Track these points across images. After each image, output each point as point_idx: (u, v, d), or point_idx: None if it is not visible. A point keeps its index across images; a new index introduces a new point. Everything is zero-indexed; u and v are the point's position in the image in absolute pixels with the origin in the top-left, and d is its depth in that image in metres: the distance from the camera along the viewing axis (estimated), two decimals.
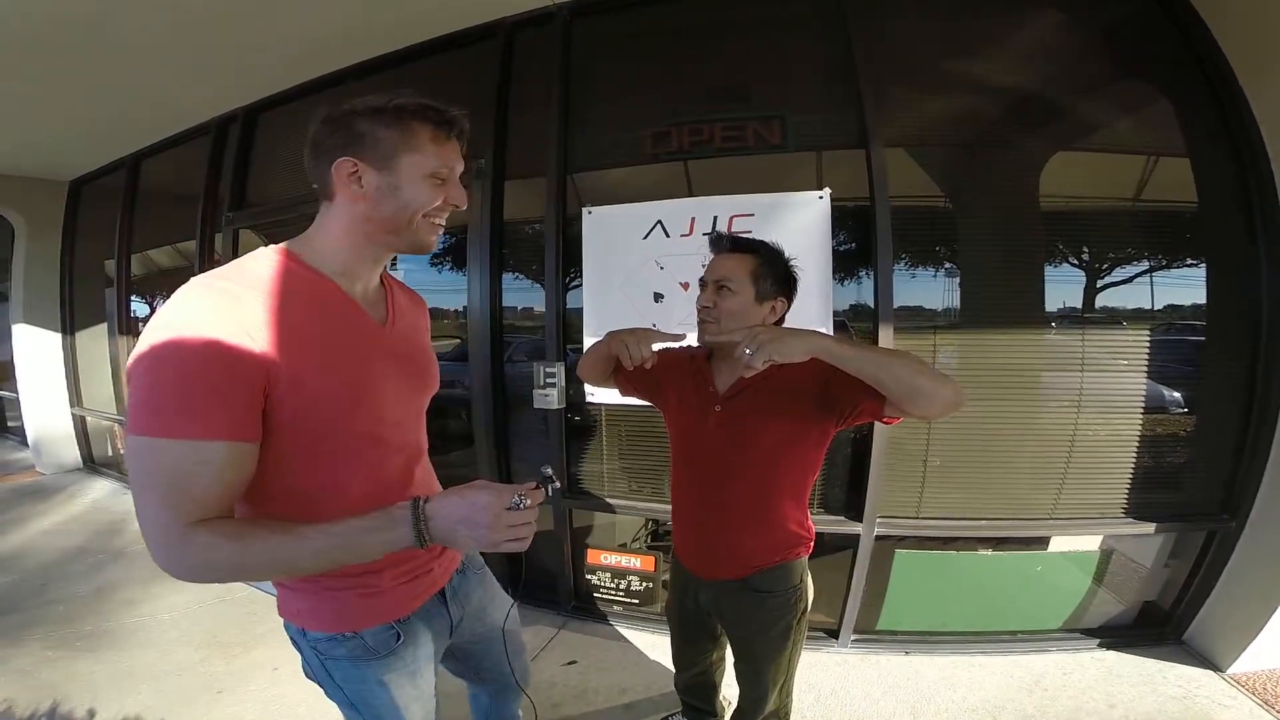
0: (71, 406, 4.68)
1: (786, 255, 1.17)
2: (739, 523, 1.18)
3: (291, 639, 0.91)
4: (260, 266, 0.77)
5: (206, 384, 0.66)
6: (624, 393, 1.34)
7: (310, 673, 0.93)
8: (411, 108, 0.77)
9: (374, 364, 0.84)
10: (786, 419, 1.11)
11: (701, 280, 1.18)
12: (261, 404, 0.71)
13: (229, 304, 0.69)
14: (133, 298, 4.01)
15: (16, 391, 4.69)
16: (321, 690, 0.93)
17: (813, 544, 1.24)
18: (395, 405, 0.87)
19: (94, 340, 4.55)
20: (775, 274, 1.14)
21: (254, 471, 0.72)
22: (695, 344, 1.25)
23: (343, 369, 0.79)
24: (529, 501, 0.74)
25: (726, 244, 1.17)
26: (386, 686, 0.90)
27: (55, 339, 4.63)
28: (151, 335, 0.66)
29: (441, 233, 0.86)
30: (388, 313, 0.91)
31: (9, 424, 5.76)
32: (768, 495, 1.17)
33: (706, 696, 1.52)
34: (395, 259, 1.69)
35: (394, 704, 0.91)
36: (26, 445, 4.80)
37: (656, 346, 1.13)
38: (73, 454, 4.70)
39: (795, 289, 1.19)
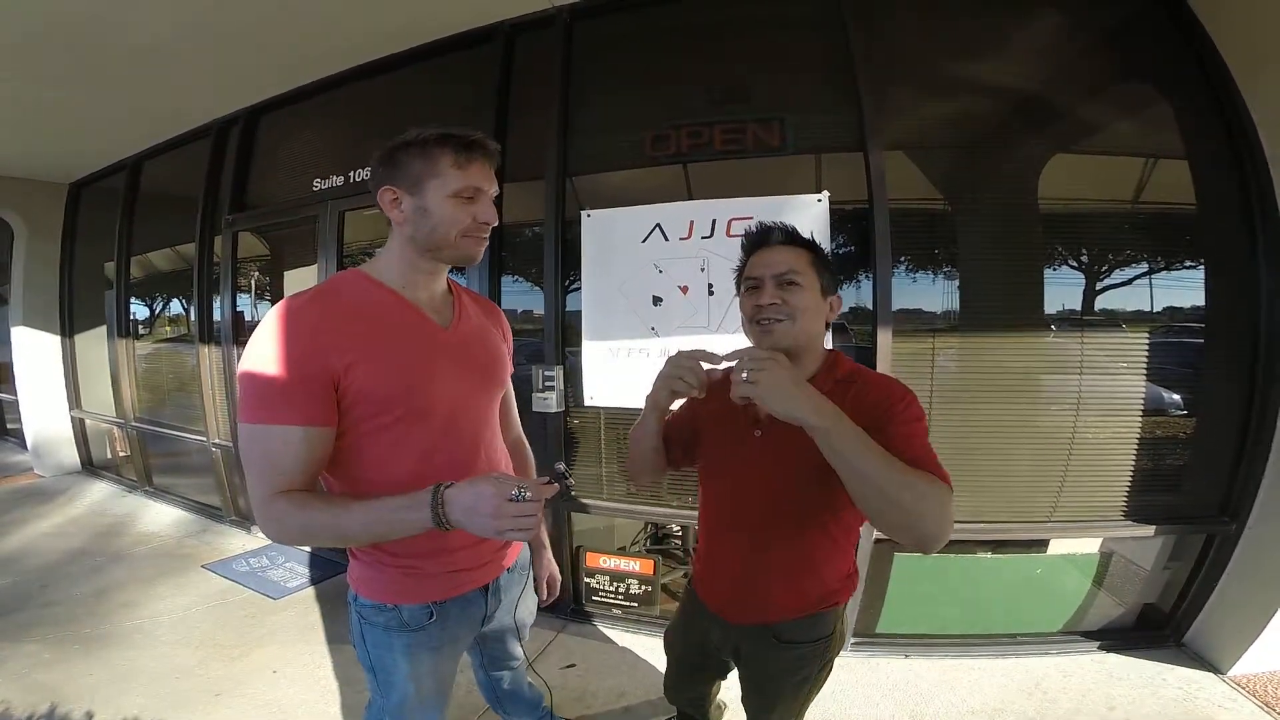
0: (71, 409, 4.68)
1: None
2: (775, 570, 1.03)
3: (348, 601, 1.05)
4: (336, 285, 0.93)
5: (285, 382, 0.81)
6: (679, 465, 1.16)
7: (350, 634, 1.05)
8: (433, 138, 0.88)
9: (431, 360, 0.95)
10: None
11: (749, 278, 1.00)
12: (333, 395, 0.85)
13: (304, 317, 0.85)
14: (132, 300, 4.01)
15: (16, 394, 4.69)
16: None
17: (855, 587, 1.10)
18: (451, 398, 0.96)
19: (93, 343, 4.55)
20: (829, 267, 1.01)
21: (330, 450, 0.87)
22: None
23: (399, 362, 0.90)
24: (530, 494, 0.78)
25: (779, 236, 1.00)
26: (407, 657, 1.01)
27: (55, 341, 4.62)
28: (250, 345, 0.83)
29: (485, 245, 0.96)
30: (454, 316, 1.02)
31: (8, 426, 5.75)
32: (811, 540, 1.01)
33: (699, 706, 1.49)
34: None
35: (408, 673, 1.02)
36: (26, 448, 4.80)
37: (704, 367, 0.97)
38: (72, 456, 4.70)
39: None
